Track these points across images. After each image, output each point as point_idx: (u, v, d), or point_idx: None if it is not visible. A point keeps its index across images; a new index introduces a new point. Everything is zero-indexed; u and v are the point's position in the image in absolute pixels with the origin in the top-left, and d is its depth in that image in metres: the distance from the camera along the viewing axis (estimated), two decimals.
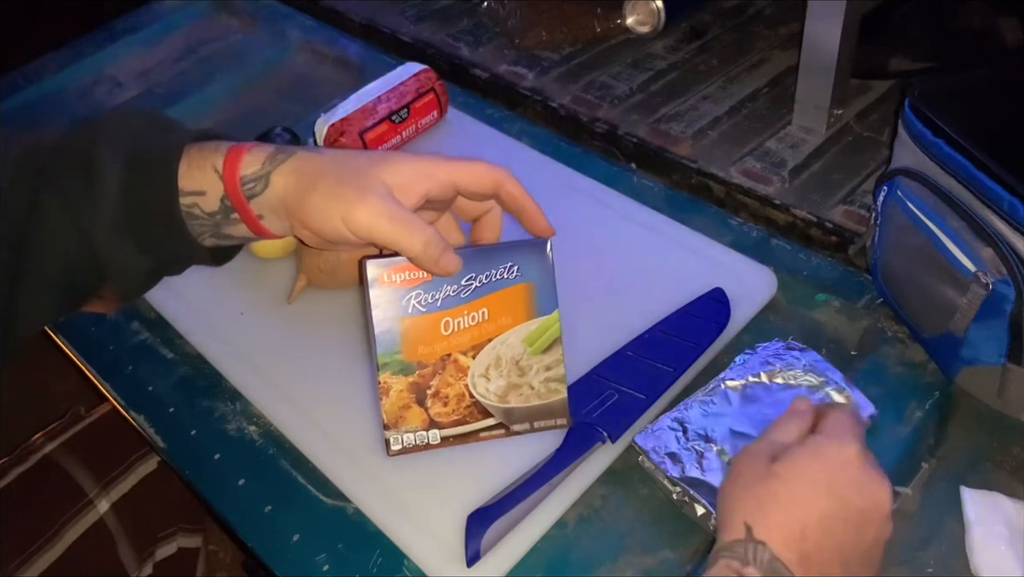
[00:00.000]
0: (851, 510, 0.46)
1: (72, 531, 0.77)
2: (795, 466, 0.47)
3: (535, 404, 0.57)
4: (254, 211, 0.50)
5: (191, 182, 0.50)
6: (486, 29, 1.06)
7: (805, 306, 0.70)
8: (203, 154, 0.50)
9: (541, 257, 0.56)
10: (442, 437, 0.57)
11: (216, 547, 1.24)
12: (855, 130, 0.85)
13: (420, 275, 0.54)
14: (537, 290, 0.56)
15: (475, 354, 0.56)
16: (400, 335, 0.55)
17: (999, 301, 0.55)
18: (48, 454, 0.81)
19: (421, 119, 0.88)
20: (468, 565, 0.54)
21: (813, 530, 0.45)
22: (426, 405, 0.56)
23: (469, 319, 0.55)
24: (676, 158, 0.84)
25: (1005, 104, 0.61)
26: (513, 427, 0.58)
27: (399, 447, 0.57)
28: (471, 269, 0.54)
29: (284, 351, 0.70)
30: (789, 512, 0.45)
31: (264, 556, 0.59)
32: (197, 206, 0.50)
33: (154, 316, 0.75)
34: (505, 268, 0.55)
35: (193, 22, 1.16)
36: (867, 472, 0.47)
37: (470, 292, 0.55)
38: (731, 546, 0.45)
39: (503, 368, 0.57)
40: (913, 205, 0.60)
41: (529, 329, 0.56)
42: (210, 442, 0.66)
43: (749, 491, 0.47)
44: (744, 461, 0.50)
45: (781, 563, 0.43)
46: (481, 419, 0.57)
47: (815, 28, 0.78)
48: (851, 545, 0.46)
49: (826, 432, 0.50)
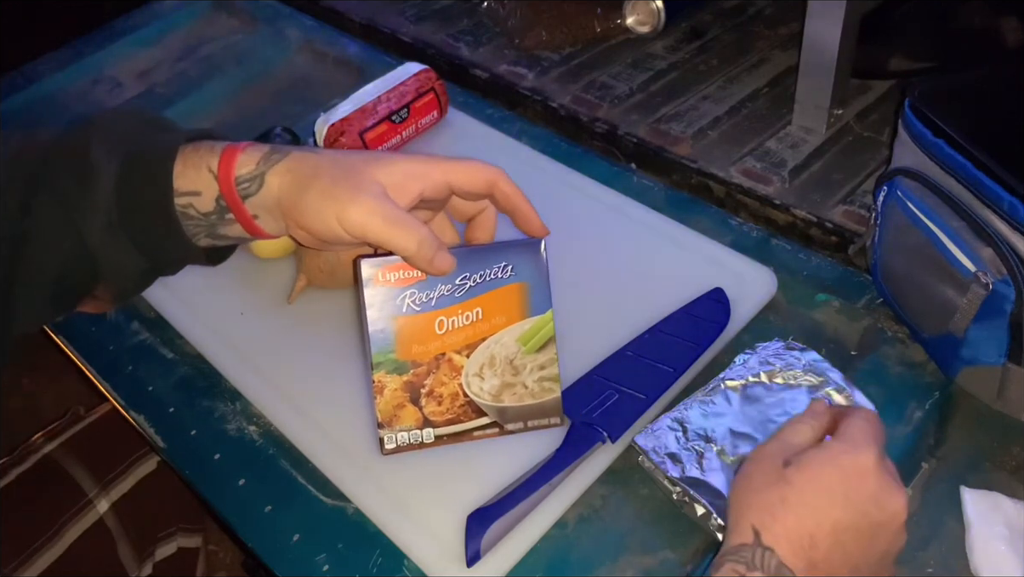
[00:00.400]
0: (865, 521, 0.45)
1: (72, 531, 0.77)
2: (809, 472, 0.46)
3: (529, 403, 0.58)
4: (249, 211, 0.50)
5: (186, 182, 0.50)
6: (486, 29, 1.06)
7: (805, 306, 0.70)
8: (198, 154, 0.50)
9: (535, 257, 0.56)
10: (436, 436, 0.57)
11: (216, 547, 1.24)
12: (855, 130, 0.85)
13: (414, 274, 0.54)
14: (531, 290, 0.56)
15: (469, 353, 0.56)
16: (394, 334, 0.55)
17: (999, 301, 0.55)
18: (48, 454, 0.81)
19: (421, 119, 0.88)
20: (468, 565, 0.54)
21: (823, 539, 0.44)
22: (420, 404, 0.57)
23: (463, 318, 0.55)
24: (676, 158, 0.84)
25: (1005, 104, 0.61)
26: (507, 426, 0.58)
27: (393, 445, 0.57)
28: (465, 268, 0.54)
29: (284, 351, 0.70)
30: (800, 519, 0.44)
31: (264, 556, 0.59)
32: (192, 206, 0.50)
33: (154, 316, 0.75)
34: (499, 267, 0.55)
35: (193, 22, 1.16)
36: (884, 483, 0.46)
37: (464, 291, 0.55)
38: (738, 550, 0.44)
39: (497, 367, 0.57)
40: (913, 205, 0.60)
41: (523, 328, 0.57)
42: (210, 442, 0.66)
43: (759, 494, 0.46)
44: (755, 462, 0.48)
45: (788, 569, 0.42)
46: (475, 418, 0.58)
47: (815, 28, 0.78)
48: (861, 555, 0.45)
49: (844, 437, 0.47)
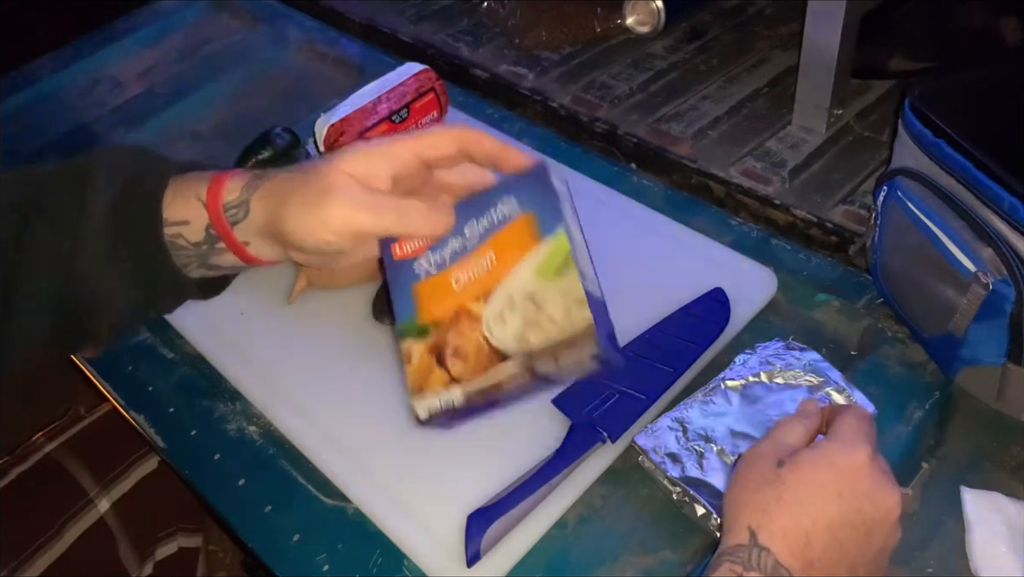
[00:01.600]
0: (859, 518, 0.45)
1: (72, 531, 0.77)
2: (803, 471, 0.46)
3: (557, 338, 0.51)
4: (239, 238, 0.51)
5: (175, 212, 0.50)
6: (486, 29, 1.06)
7: (805, 306, 0.70)
8: (187, 184, 0.51)
9: (536, 181, 0.52)
10: (464, 394, 0.52)
11: (216, 547, 1.23)
12: (855, 130, 0.84)
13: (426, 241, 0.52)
14: (539, 217, 0.52)
15: (486, 299, 0.52)
16: (415, 300, 0.53)
17: (999, 301, 0.55)
18: (48, 454, 0.81)
19: (421, 119, 0.88)
20: (468, 565, 0.54)
21: (819, 537, 0.44)
22: (446, 365, 0.53)
23: (478, 268, 0.52)
24: (676, 158, 0.84)
25: (1005, 104, 0.61)
26: (537, 369, 0.51)
27: (425, 414, 0.52)
28: (469, 216, 0.52)
29: (284, 351, 0.70)
30: (795, 518, 0.44)
31: (264, 556, 0.59)
32: (182, 236, 0.51)
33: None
34: (503, 205, 0.52)
35: (193, 22, 1.16)
36: (877, 480, 0.46)
37: (476, 240, 0.52)
38: (734, 550, 0.44)
39: (517, 307, 0.52)
40: (913, 205, 0.60)
41: (538, 257, 0.52)
42: (210, 442, 0.66)
43: (754, 495, 0.46)
44: (749, 463, 0.49)
45: (785, 569, 0.43)
46: (500, 364, 0.51)
47: (815, 28, 0.78)
48: (857, 552, 0.45)
49: (837, 436, 0.48)
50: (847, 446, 0.47)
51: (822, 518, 0.45)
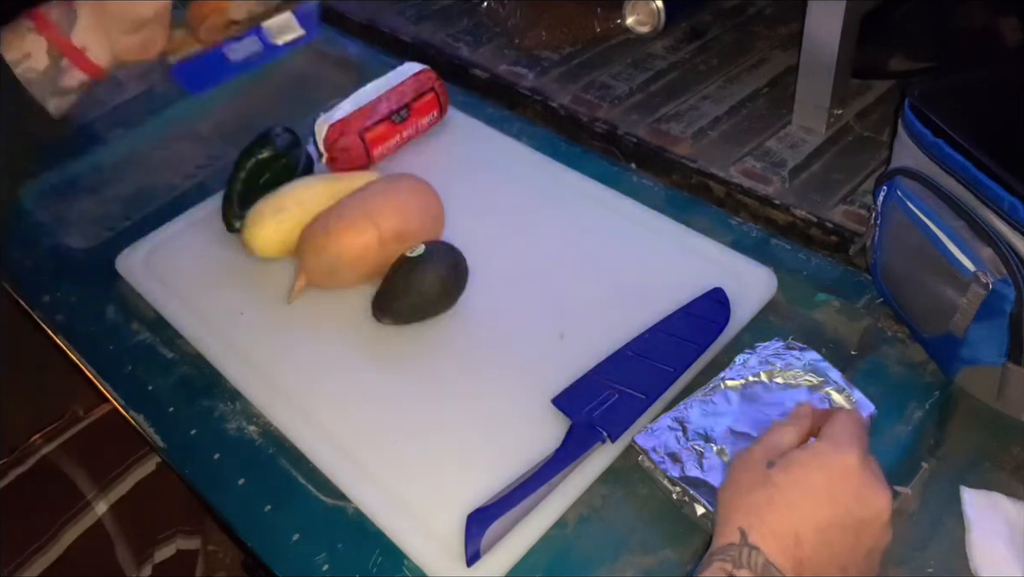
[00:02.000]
0: (850, 519, 0.46)
1: (70, 533, 0.77)
2: (794, 473, 0.47)
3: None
4: (76, 43, 0.56)
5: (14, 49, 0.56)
6: (486, 29, 1.06)
7: (805, 306, 0.70)
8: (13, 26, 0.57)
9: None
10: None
11: (216, 547, 1.23)
12: (855, 130, 0.85)
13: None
14: None
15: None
16: None
17: (999, 301, 0.55)
18: (46, 455, 0.81)
19: (421, 119, 0.88)
20: (468, 565, 0.54)
21: (809, 538, 0.44)
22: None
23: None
24: (676, 158, 0.84)
25: (1005, 104, 0.61)
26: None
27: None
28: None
29: (284, 351, 0.70)
30: (785, 518, 0.45)
31: (264, 556, 0.59)
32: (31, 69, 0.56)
33: (154, 316, 0.75)
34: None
35: None
36: (867, 481, 0.46)
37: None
38: (724, 549, 0.44)
39: None
40: (913, 205, 0.60)
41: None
42: (210, 442, 0.65)
43: (745, 496, 0.47)
44: (741, 465, 0.49)
45: (776, 568, 0.43)
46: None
47: (815, 28, 0.78)
48: (848, 553, 0.46)
49: (828, 438, 0.48)
50: (837, 448, 0.47)
51: (812, 519, 0.45)
